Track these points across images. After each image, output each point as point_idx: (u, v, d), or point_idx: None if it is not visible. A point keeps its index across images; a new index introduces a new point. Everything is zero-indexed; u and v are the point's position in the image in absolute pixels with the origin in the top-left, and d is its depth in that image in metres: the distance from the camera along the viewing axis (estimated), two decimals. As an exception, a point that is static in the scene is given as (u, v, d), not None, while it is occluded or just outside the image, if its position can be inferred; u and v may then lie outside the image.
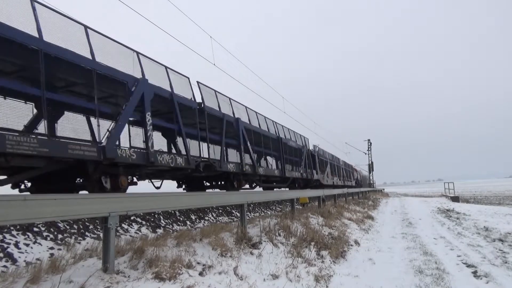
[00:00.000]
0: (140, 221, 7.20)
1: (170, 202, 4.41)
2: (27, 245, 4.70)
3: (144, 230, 6.82)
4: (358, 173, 44.09)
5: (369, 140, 50.33)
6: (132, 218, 7.04)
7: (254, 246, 5.07)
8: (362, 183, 45.26)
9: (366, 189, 32.51)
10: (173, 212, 8.48)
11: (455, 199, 26.47)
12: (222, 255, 4.31)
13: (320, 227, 7.52)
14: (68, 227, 5.69)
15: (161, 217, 7.93)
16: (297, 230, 6.51)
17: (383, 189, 54.52)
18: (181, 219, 8.53)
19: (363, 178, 50.67)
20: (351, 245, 6.77)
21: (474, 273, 4.83)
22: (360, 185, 40.11)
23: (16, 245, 4.59)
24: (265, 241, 5.36)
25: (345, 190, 18.45)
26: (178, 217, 8.53)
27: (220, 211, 10.60)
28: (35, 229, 5.16)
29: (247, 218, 6.57)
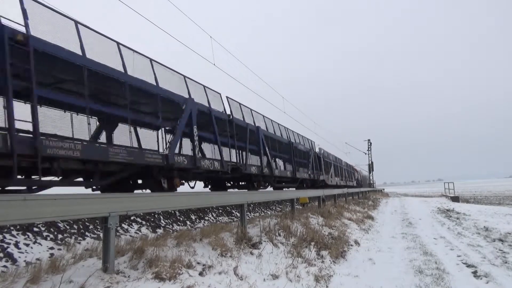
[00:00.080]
0: (140, 221, 7.20)
1: (170, 202, 4.41)
2: (27, 245, 4.70)
3: (144, 230, 6.82)
4: (358, 173, 44.35)
5: (369, 140, 50.37)
6: (132, 218, 7.04)
7: (254, 246, 5.07)
8: (362, 183, 45.33)
9: (366, 189, 32.52)
10: (173, 212, 8.48)
11: (455, 199, 26.47)
12: (222, 255, 4.31)
13: (320, 227, 7.52)
14: (68, 227, 5.69)
15: (161, 217, 7.92)
16: (297, 230, 6.51)
17: (383, 189, 54.50)
18: (181, 219, 8.53)
19: (363, 178, 50.69)
20: (351, 245, 6.77)
21: (474, 273, 4.84)
22: (360, 185, 40.21)
23: (16, 245, 4.59)
24: (265, 241, 5.36)
25: (345, 190, 18.47)
26: (178, 217, 8.53)
27: (220, 211, 10.60)
28: (35, 229, 5.16)
29: (247, 218, 6.57)
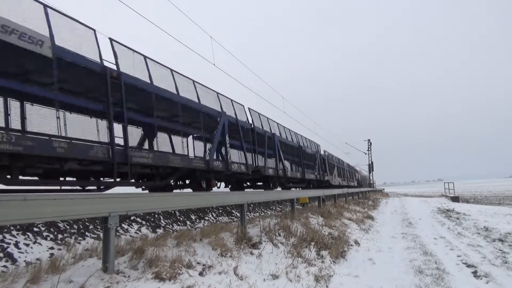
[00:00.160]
0: (140, 221, 7.20)
1: (170, 202, 4.40)
2: (27, 245, 4.70)
3: (144, 230, 6.82)
4: (358, 174, 44.53)
5: (369, 140, 50.35)
6: (132, 218, 7.04)
7: (254, 246, 5.07)
8: (362, 183, 45.37)
9: (366, 189, 32.54)
10: (173, 212, 8.48)
11: (455, 199, 26.47)
12: (222, 255, 4.31)
13: (320, 227, 7.52)
14: (68, 227, 5.69)
15: (161, 217, 7.93)
16: (297, 230, 6.50)
17: (383, 189, 54.49)
18: (181, 219, 8.54)
19: (363, 178, 50.72)
20: (351, 245, 6.77)
21: (474, 273, 4.84)
22: (360, 185, 40.29)
23: (16, 245, 4.59)
24: (265, 241, 5.36)
25: (345, 190, 18.49)
26: (178, 217, 8.53)
27: (220, 211, 10.61)
28: (35, 229, 5.16)
29: (247, 218, 6.57)
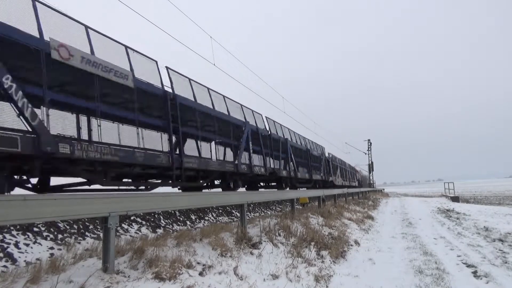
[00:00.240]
0: (140, 221, 7.20)
1: (170, 202, 4.40)
2: (27, 245, 4.70)
3: (144, 230, 6.82)
4: (358, 174, 44.65)
5: (369, 140, 50.33)
6: (132, 218, 7.04)
7: (254, 246, 5.07)
8: (362, 183, 45.40)
9: (366, 189, 32.56)
10: (173, 212, 8.48)
11: (455, 199, 26.46)
12: (222, 255, 4.31)
13: (320, 227, 7.52)
14: (68, 227, 5.69)
15: (161, 217, 7.93)
16: (297, 230, 6.50)
17: (383, 189, 54.48)
18: (181, 219, 8.54)
19: (363, 178, 50.72)
20: (351, 245, 6.77)
21: (474, 273, 4.83)
22: (360, 185, 40.36)
23: (16, 245, 4.59)
24: (265, 241, 5.36)
25: (345, 190, 18.50)
26: (178, 217, 8.53)
27: (220, 211, 10.61)
28: (35, 229, 5.16)
29: (247, 218, 6.57)
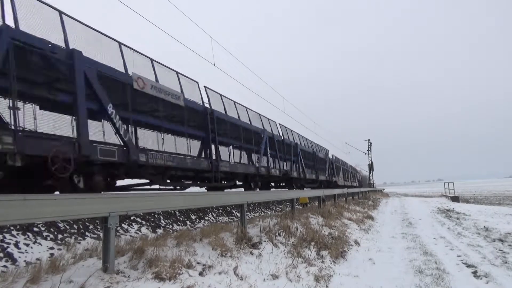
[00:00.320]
0: (140, 221, 7.20)
1: (170, 202, 4.40)
2: (27, 245, 4.70)
3: (144, 230, 6.82)
4: (359, 174, 44.79)
5: (369, 140, 50.34)
6: (132, 218, 7.04)
7: (254, 246, 5.07)
8: (362, 183, 45.44)
9: (366, 189, 32.55)
10: (173, 212, 8.48)
11: (455, 199, 26.46)
12: (222, 255, 4.31)
13: (320, 227, 7.52)
14: (68, 227, 5.69)
15: (161, 217, 7.93)
16: (297, 230, 6.50)
17: (383, 189, 54.44)
18: (181, 219, 8.54)
19: (363, 178, 50.73)
20: (351, 245, 6.77)
21: (474, 273, 4.83)
22: (360, 185, 40.44)
23: (16, 245, 4.59)
24: (265, 241, 5.36)
25: (345, 190, 18.50)
26: (178, 217, 8.53)
27: (220, 211, 10.61)
28: (35, 229, 5.16)
29: (247, 218, 6.57)
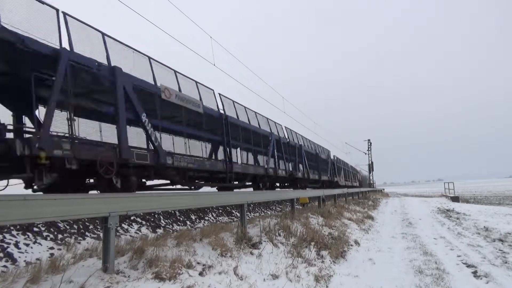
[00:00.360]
0: (140, 221, 7.20)
1: (170, 202, 4.41)
2: (27, 245, 4.71)
3: (144, 230, 6.82)
4: (359, 174, 44.91)
5: (369, 140, 50.32)
6: (132, 218, 7.04)
7: (254, 246, 5.07)
8: (362, 183, 45.47)
9: (366, 189, 32.56)
10: (173, 212, 8.48)
11: (455, 199, 26.45)
12: (222, 255, 4.31)
13: (320, 227, 7.52)
14: (68, 227, 5.69)
15: (161, 217, 7.93)
16: (297, 230, 6.50)
17: (383, 189, 54.44)
18: (181, 219, 8.54)
19: (363, 178, 50.73)
20: (351, 245, 6.77)
21: (474, 273, 4.83)
22: (360, 185, 40.51)
23: (16, 245, 4.59)
24: (265, 241, 5.36)
25: (344, 190, 18.51)
26: (178, 217, 8.54)
27: (220, 211, 10.61)
28: (35, 229, 5.17)
29: (247, 218, 6.57)
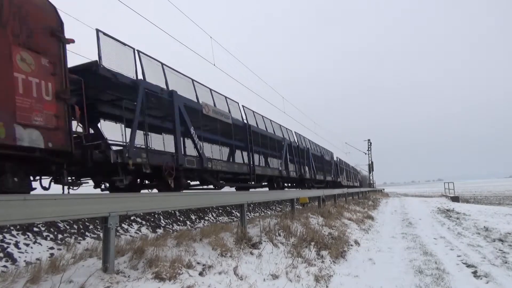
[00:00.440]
0: (140, 221, 7.20)
1: (170, 202, 4.40)
2: (27, 245, 4.70)
3: (144, 230, 6.82)
4: (359, 174, 45.09)
5: (369, 140, 50.34)
6: (132, 218, 7.04)
7: (254, 246, 5.07)
8: (362, 183, 45.54)
9: (366, 189, 32.58)
10: (173, 212, 8.48)
11: (455, 199, 26.45)
12: (222, 255, 4.31)
13: (320, 227, 7.52)
14: (68, 227, 5.69)
15: (161, 217, 7.93)
16: (297, 230, 6.51)
17: (383, 189, 54.46)
18: (181, 219, 8.54)
19: (363, 178, 50.77)
20: (351, 245, 6.77)
21: (474, 273, 4.84)
22: (361, 185, 40.63)
23: (16, 245, 4.59)
24: (265, 241, 5.36)
25: (344, 190, 18.51)
26: (178, 217, 8.53)
27: (220, 211, 10.61)
28: (35, 229, 5.16)
29: (247, 218, 6.57)
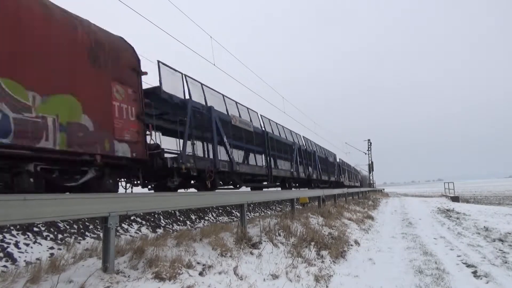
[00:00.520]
0: (140, 221, 7.20)
1: (170, 202, 4.40)
2: (27, 245, 4.70)
3: (144, 230, 6.82)
4: (360, 174, 45.22)
5: (369, 140, 50.33)
6: (132, 218, 7.05)
7: (254, 246, 5.07)
8: (362, 183, 45.60)
9: (366, 189, 32.59)
10: (173, 212, 8.48)
11: (455, 199, 26.46)
12: (222, 255, 4.31)
13: (320, 227, 7.52)
14: (68, 227, 5.69)
15: (161, 217, 7.93)
16: (297, 230, 6.51)
17: (383, 189, 54.46)
18: (181, 219, 8.54)
19: (363, 178, 50.79)
20: (351, 245, 6.77)
21: (474, 273, 4.84)
22: (361, 185, 40.69)
23: (16, 245, 4.59)
24: (265, 241, 5.36)
25: (344, 190, 18.51)
26: (178, 217, 8.54)
27: (220, 211, 10.61)
28: (35, 229, 5.17)
29: (247, 218, 6.57)
